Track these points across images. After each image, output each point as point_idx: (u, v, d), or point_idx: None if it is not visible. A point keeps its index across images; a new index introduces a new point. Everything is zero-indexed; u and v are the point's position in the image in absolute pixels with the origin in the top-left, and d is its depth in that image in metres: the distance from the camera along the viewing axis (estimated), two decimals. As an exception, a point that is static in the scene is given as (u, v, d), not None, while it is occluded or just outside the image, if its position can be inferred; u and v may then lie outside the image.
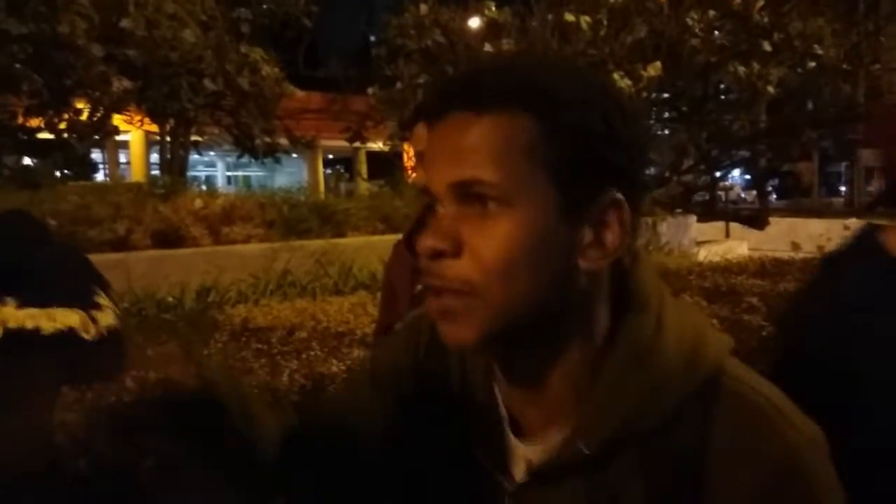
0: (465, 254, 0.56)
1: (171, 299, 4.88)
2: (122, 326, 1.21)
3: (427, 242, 0.57)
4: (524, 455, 0.63)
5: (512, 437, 0.64)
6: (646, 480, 0.56)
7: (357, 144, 12.07)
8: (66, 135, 8.24)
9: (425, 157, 0.60)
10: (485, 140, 0.55)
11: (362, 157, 19.04)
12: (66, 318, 1.10)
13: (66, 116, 8.19)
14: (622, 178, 0.57)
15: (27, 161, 9.42)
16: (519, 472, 0.63)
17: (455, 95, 0.57)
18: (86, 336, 1.13)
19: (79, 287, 1.17)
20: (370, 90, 10.28)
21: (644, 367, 0.57)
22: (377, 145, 12.85)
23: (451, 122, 0.57)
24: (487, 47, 9.70)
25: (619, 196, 0.56)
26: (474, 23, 10.41)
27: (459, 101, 0.57)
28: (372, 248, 6.33)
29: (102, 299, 1.18)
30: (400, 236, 1.81)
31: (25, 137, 8.59)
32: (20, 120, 8.29)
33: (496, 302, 0.55)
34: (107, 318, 1.18)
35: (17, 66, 7.56)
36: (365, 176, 15.74)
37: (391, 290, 1.77)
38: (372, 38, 13.09)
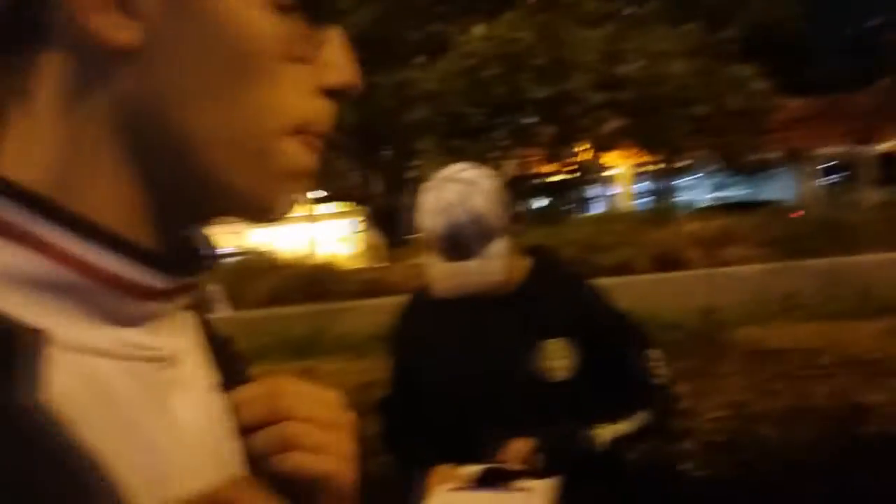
0: None
1: (674, 320, 5.13)
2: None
3: None
4: None
5: None
6: None
7: (862, 148, 10.51)
8: (570, 175, 9.52)
9: None
10: None
11: (871, 161, 16.40)
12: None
13: (569, 160, 9.48)
14: None
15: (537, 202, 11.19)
16: None
17: None
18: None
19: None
20: (879, 83, 8.89)
21: None
22: (888, 145, 10.91)
23: None
24: None
25: None
26: None
27: None
28: (895, 266, 5.45)
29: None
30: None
31: (538, 182, 10.26)
32: (535, 168, 9.95)
33: None
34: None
35: (535, 123, 9.12)
36: (876, 182, 13.53)
37: None
38: (871, 24, 11.27)
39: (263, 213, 0.39)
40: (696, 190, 24.02)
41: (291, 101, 0.37)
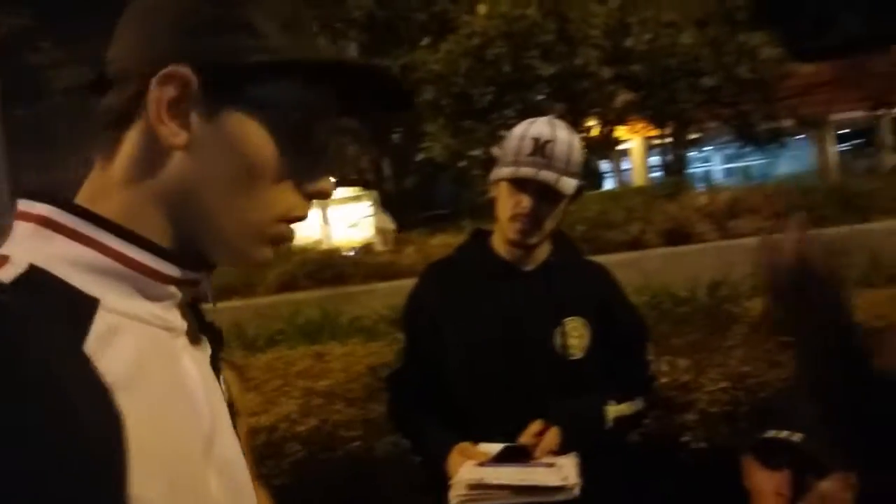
0: None
1: (684, 294, 5.12)
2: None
3: None
4: None
5: None
6: None
7: (880, 113, 10.32)
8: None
9: None
10: None
11: (886, 126, 16.08)
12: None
13: (581, 136, 9.43)
14: None
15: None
16: None
17: None
18: None
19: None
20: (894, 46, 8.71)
21: None
22: (908, 109, 10.74)
23: None
24: None
25: None
26: None
27: None
28: (909, 232, 5.37)
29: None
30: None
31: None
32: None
33: None
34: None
35: (542, 98, 9.05)
36: (893, 147, 13.30)
37: None
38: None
39: (245, 263, 0.59)
40: (709, 161, 23.70)
41: (280, 200, 0.57)
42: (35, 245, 0.51)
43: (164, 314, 0.55)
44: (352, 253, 7.58)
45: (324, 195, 0.60)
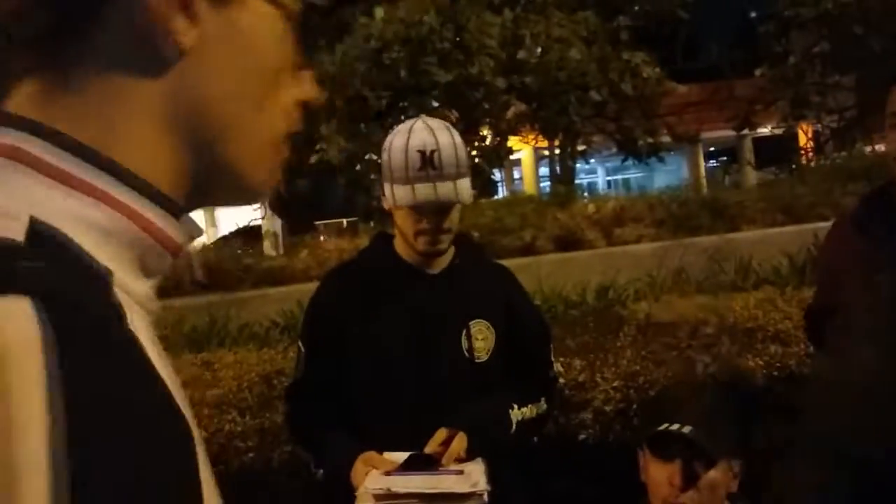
0: None
1: (574, 297, 5.33)
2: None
3: None
4: None
5: None
6: None
7: (743, 132, 11.30)
8: (476, 160, 9.65)
9: None
10: None
11: (748, 145, 17.64)
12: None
13: (475, 144, 9.60)
14: None
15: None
16: None
17: None
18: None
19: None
20: (757, 71, 9.58)
21: None
22: (766, 130, 11.86)
23: None
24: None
25: None
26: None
27: None
28: (771, 241, 5.89)
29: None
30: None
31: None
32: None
33: None
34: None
35: (437, 105, 9.15)
36: (753, 164, 14.59)
37: (827, 271, 1.74)
38: (753, 15, 12.18)
39: (256, 197, 0.46)
40: (592, 173, 24.96)
41: (290, 109, 0.44)
42: (14, 189, 0.34)
43: (152, 292, 0.41)
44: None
45: (314, 100, 0.47)
